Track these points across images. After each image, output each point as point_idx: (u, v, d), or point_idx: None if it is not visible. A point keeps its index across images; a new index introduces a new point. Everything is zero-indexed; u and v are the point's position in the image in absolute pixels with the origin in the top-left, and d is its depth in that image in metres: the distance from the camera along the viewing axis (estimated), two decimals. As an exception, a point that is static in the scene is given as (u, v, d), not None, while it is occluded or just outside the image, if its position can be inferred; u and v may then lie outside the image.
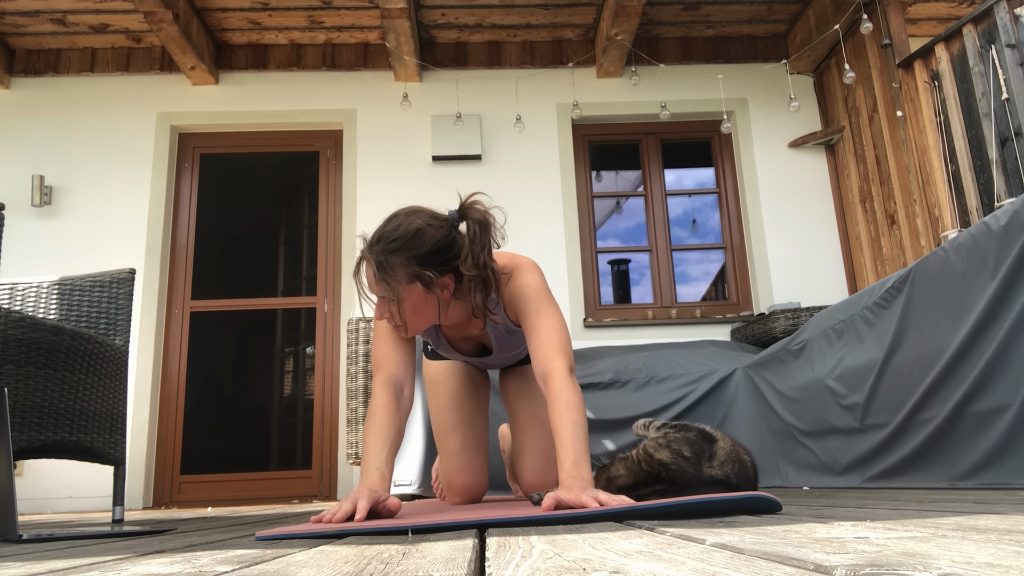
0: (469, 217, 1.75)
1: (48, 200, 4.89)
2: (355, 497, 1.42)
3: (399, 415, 1.74)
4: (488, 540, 0.97)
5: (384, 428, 1.67)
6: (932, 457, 2.28)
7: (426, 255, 1.69)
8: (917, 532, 0.81)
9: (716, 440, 1.73)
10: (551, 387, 1.68)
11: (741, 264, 5.18)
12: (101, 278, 2.72)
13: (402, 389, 1.80)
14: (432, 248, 1.69)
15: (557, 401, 1.64)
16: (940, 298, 2.25)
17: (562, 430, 1.59)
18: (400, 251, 1.67)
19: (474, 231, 1.72)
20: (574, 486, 1.43)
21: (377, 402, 1.74)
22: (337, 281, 5.02)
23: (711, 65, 5.39)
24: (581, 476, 1.49)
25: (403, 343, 1.86)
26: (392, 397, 1.75)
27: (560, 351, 1.74)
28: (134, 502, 4.49)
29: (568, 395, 1.65)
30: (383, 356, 1.84)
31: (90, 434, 2.38)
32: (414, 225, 1.69)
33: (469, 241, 1.72)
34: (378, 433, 1.66)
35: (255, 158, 5.70)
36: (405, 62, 5.04)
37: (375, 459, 1.61)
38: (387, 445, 1.64)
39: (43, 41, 5.13)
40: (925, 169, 4.17)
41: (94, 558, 0.98)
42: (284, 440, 6.07)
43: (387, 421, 1.69)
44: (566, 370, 1.70)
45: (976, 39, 3.68)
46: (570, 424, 1.60)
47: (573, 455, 1.54)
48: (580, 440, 1.58)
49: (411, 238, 1.68)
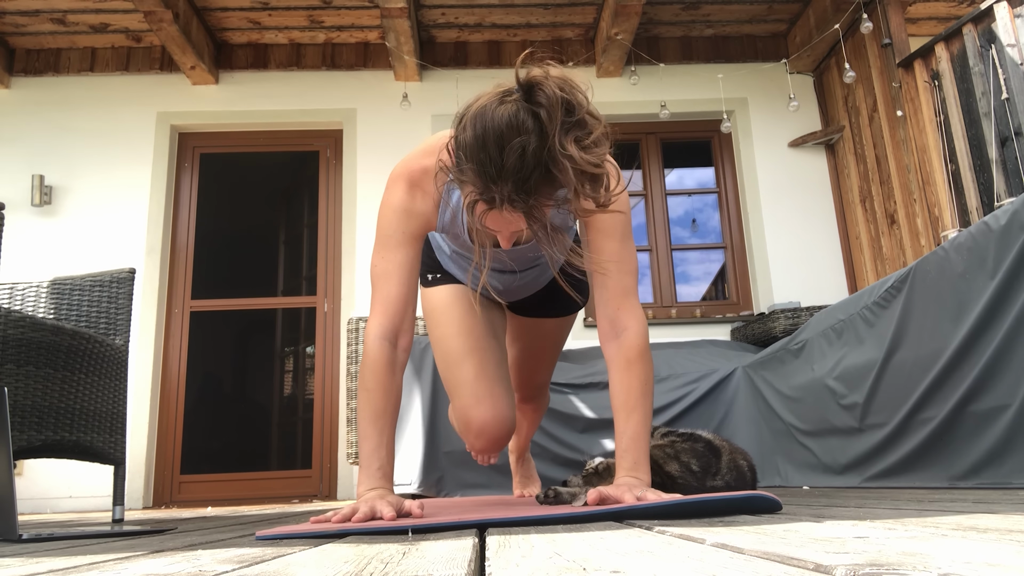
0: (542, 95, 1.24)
1: (48, 200, 4.90)
2: (372, 506, 1.31)
3: (395, 385, 1.50)
4: (488, 540, 0.97)
5: (379, 411, 1.46)
6: (932, 457, 2.28)
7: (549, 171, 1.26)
8: (917, 532, 0.81)
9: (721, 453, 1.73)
10: (627, 355, 1.48)
11: (741, 264, 5.18)
12: (101, 278, 2.72)
13: (397, 341, 1.52)
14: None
15: (634, 377, 1.46)
16: (940, 298, 2.25)
17: (631, 418, 1.44)
18: (542, 186, 1.26)
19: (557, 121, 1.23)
20: (628, 483, 1.36)
21: (370, 370, 1.48)
22: (337, 281, 5.02)
23: (711, 65, 5.39)
24: (639, 478, 1.40)
25: (411, 272, 1.56)
26: (387, 362, 1.49)
27: (638, 302, 1.52)
28: (134, 502, 4.49)
29: (647, 376, 1.47)
30: (385, 291, 1.54)
31: (90, 434, 2.38)
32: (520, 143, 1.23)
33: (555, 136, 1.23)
34: (374, 419, 1.46)
35: (255, 158, 5.71)
36: (405, 62, 5.04)
37: (375, 454, 1.44)
38: (385, 433, 1.46)
39: (43, 41, 5.13)
40: (925, 168, 4.17)
41: (94, 557, 0.98)
42: (284, 440, 6.08)
43: (382, 400, 1.47)
44: (645, 334, 1.50)
45: (976, 39, 3.68)
46: (641, 413, 1.44)
47: (634, 455, 1.41)
48: (646, 437, 1.44)
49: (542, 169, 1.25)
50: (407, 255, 1.56)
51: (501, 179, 1.24)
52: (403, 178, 1.57)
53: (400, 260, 1.55)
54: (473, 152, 1.26)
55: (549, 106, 1.23)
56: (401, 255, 1.55)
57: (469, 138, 1.27)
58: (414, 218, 1.57)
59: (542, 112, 1.23)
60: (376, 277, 1.56)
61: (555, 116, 1.22)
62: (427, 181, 1.56)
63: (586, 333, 4.86)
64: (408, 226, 1.56)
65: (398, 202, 1.56)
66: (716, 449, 1.77)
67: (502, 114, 1.24)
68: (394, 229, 1.56)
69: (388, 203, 1.57)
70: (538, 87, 1.25)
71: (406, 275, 1.55)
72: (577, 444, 3.57)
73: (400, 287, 1.54)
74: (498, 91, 1.30)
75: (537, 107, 1.23)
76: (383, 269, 1.55)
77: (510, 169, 1.23)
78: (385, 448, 1.45)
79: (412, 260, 1.57)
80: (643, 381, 1.47)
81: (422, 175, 1.56)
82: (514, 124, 1.23)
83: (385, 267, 1.55)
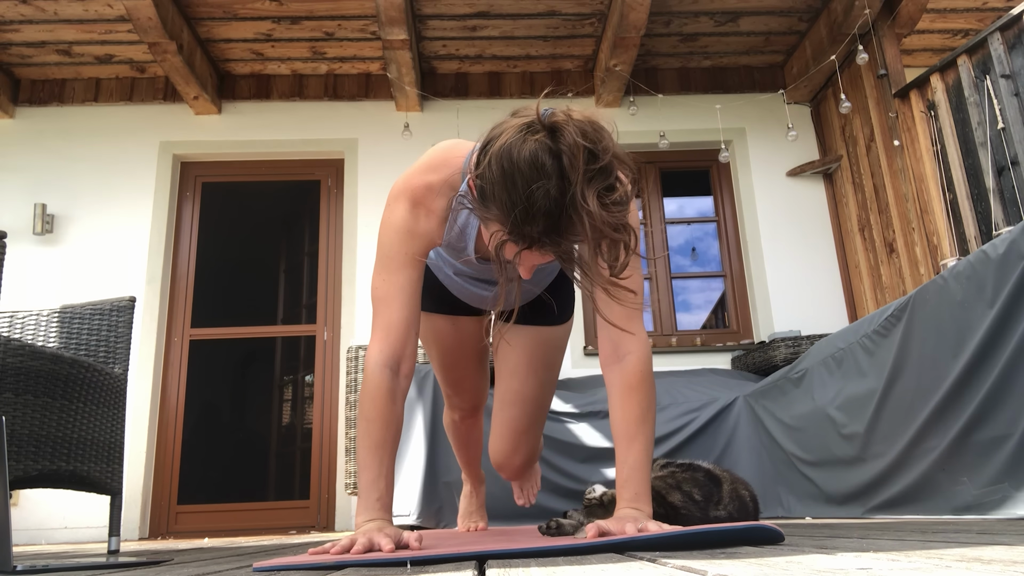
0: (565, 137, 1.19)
1: (50, 228, 4.91)
2: (371, 538, 1.28)
3: (395, 415, 1.45)
4: (488, 572, 0.96)
5: (379, 442, 1.42)
6: (934, 487, 2.27)
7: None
8: (921, 563, 0.80)
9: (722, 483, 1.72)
10: (629, 380, 1.44)
11: (741, 292, 5.18)
12: (101, 306, 2.72)
13: (399, 368, 1.47)
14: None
15: (635, 404, 1.42)
16: (940, 326, 2.25)
17: (632, 447, 1.40)
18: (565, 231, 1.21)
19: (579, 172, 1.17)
20: (628, 515, 1.33)
21: (370, 400, 1.44)
22: (337, 309, 5.02)
23: (709, 95, 5.44)
24: (640, 510, 1.36)
25: (414, 295, 1.51)
26: (388, 391, 1.44)
27: (643, 328, 1.48)
28: (130, 532, 4.44)
29: (649, 401, 1.43)
30: (387, 316, 1.48)
31: (87, 463, 2.36)
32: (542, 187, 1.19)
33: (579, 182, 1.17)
34: (374, 450, 1.41)
35: (257, 187, 5.74)
36: (406, 92, 5.08)
37: (374, 485, 1.40)
38: (384, 463, 1.42)
39: (48, 71, 5.18)
40: (923, 198, 4.19)
41: (89, 590, 0.96)
42: (282, 469, 6.04)
43: (382, 431, 1.42)
44: (649, 358, 1.46)
45: (971, 69, 3.71)
46: (642, 441, 1.39)
47: (635, 486, 1.38)
48: (647, 466, 1.39)
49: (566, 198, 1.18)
50: (409, 277, 1.49)
51: (530, 222, 1.18)
52: (405, 195, 1.50)
53: (402, 283, 1.49)
54: (499, 191, 1.20)
55: (571, 153, 1.17)
56: (403, 277, 1.49)
57: (496, 176, 1.21)
58: (417, 238, 1.50)
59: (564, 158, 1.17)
60: (377, 300, 1.50)
61: (577, 164, 1.16)
62: (431, 198, 1.49)
63: (585, 361, 4.85)
64: (411, 247, 1.50)
65: (400, 221, 1.48)
66: (717, 479, 1.76)
67: (526, 154, 1.18)
68: (396, 250, 1.49)
69: (389, 222, 1.50)
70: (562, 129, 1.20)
71: (408, 298, 1.49)
72: (577, 474, 3.55)
73: (402, 311, 1.47)
74: (521, 123, 1.24)
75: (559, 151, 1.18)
76: (384, 292, 1.49)
77: (539, 212, 1.17)
78: (384, 479, 1.41)
79: (415, 282, 1.50)
80: (644, 408, 1.42)
81: (426, 192, 1.49)
82: (537, 165, 1.18)
83: (387, 290, 1.49)
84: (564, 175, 1.17)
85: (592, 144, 1.18)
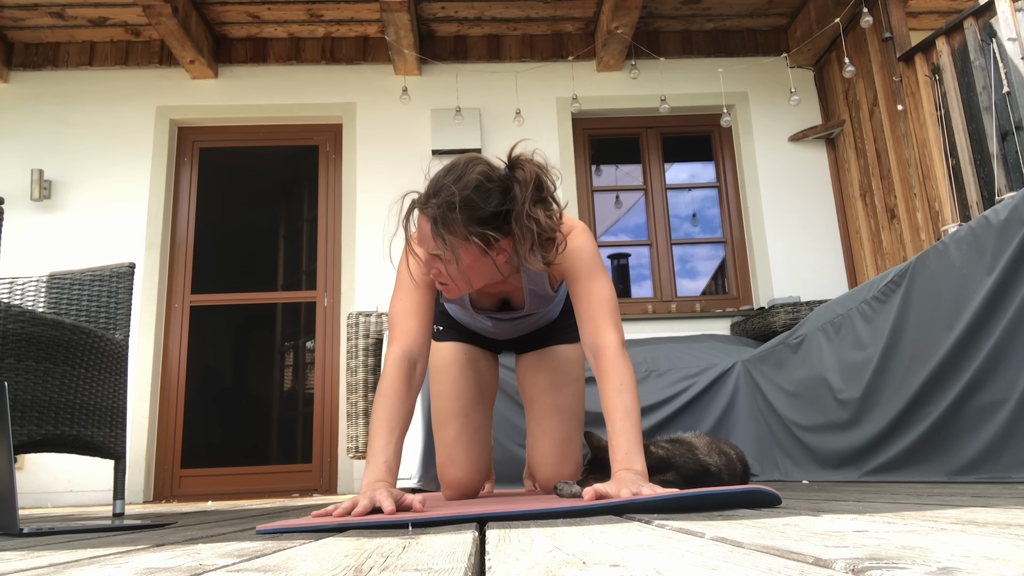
0: (521, 172, 1.56)
1: (47, 194, 4.89)
2: (373, 497, 1.35)
3: (410, 397, 1.65)
4: (488, 534, 0.98)
5: (393, 415, 1.58)
6: (930, 451, 2.29)
7: (488, 216, 1.55)
8: (916, 525, 0.82)
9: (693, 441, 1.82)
10: (602, 365, 1.60)
11: (741, 258, 5.18)
12: (101, 272, 2.72)
13: (415, 365, 1.69)
14: (495, 209, 1.55)
15: (609, 382, 1.56)
16: (939, 292, 2.25)
17: (615, 415, 1.52)
18: (463, 208, 1.52)
19: (528, 190, 1.54)
20: (624, 479, 1.38)
21: (388, 381, 1.63)
22: (337, 275, 5.02)
23: (711, 59, 5.38)
24: (633, 469, 1.43)
25: (424, 312, 1.75)
26: (405, 377, 1.65)
27: (613, 323, 1.64)
28: (134, 496, 4.50)
29: (621, 375, 1.56)
30: (402, 326, 1.72)
31: (90, 428, 2.38)
32: (474, 180, 1.54)
33: (525, 203, 1.54)
34: (386, 420, 1.57)
35: (254, 152, 5.70)
36: (405, 56, 5.03)
37: (383, 450, 1.52)
38: (395, 434, 1.56)
39: (42, 35, 5.12)
40: (925, 163, 4.16)
41: (94, 552, 0.98)
42: (284, 434, 6.08)
43: (397, 405, 1.60)
44: (619, 345, 1.61)
45: (977, 32, 3.67)
46: (623, 409, 1.52)
47: (625, 445, 1.47)
48: (633, 427, 1.50)
49: (473, 192, 1.53)
50: (423, 297, 1.77)
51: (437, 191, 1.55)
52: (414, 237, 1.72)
53: (417, 301, 1.76)
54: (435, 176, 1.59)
55: (524, 180, 1.55)
56: (418, 297, 1.76)
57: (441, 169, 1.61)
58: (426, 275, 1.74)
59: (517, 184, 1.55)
60: (395, 315, 1.76)
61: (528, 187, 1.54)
62: None
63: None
64: (422, 279, 1.76)
65: (413, 263, 1.74)
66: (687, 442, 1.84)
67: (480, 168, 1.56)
68: (408, 278, 1.77)
69: (404, 261, 1.77)
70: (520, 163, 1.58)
71: (423, 314, 1.76)
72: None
73: (417, 321, 1.74)
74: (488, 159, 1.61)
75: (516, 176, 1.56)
76: (401, 308, 1.75)
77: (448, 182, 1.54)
78: (393, 447, 1.54)
79: (428, 302, 1.77)
80: (622, 379, 1.56)
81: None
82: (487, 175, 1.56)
83: (403, 306, 1.75)
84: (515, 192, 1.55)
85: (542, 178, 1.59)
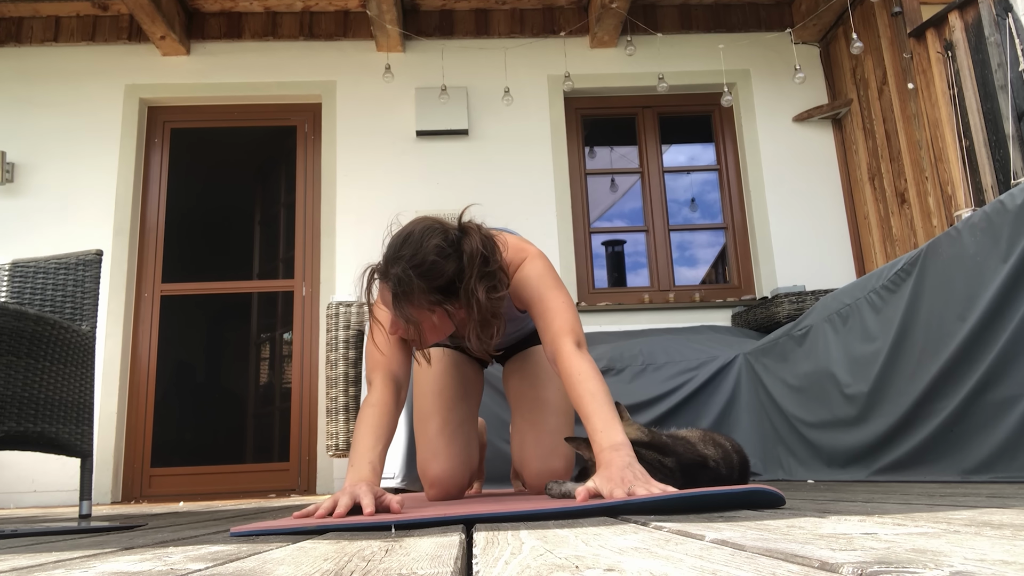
0: (468, 243, 1.71)
1: (10, 177, 4.85)
2: (354, 493, 1.40)
3: (395, 411, 1.75)
4: (475, 536, 0.97)
5: (379, 424, 1.67)
6: (942, 449, 2.30)
7: (445, 285, 1.68)
8: (928, 528, 0.82)
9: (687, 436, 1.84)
10: (560, 364, 1.71)
11: (743, 245, 5.18)
12: (66, 260, 2.70)
13: (400, 389, 1.80)
14: (450, 279, 1.68)
15: (568, 376, 1.67)
16: (952, 281, 2.25)
17: (582, 401, 1.61)
18: (420, 279, 1.65)
19: (477, 262, 1.69)
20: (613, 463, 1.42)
21: (377, 395, 1.74)
22: (315, 263, 5.00)
23: (711, 34, 5.37)
24: (614, 443, 1.48)
25: (403, 343, 1.86)
26: (392, 392, 1.76)
27: (566, 329, 1.76)
28: (102, 496, 4.48)
29: (578, 367, 1.66)
30: (382, 357, 1.83)
31: (55, 425, 2.36)
32: (431, 254, 1.66)
33: (471, 279, 1.69)
34: (373, 428, 1.66)
35: (229, 133, 5.66)
36: (387, 31, 5.00)
37: (368, 453, 1.60)
38: (380, 442, 1.64)
39: (3, 9, 5.05)
40: (937, 145, 4.17)
41: (60, 555, 0.97)
42: (260, 431, 6.07)
43: (384, 416, 1.69)
44: (573, 344, 1.72)
45: (992, 7, 3.67)
46: (588, 394, 1.60)
47: (599, 422, 1.54)
48: (601, 406, 1.57)
49: (430, 267, 1.65)
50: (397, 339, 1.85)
51: (395, 263, 1.66)
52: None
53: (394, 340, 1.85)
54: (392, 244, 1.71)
55: (471, 253, 1.68)
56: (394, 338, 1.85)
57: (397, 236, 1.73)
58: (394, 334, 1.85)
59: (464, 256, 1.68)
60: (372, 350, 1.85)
61: (475, 262, 1.68)
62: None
63: (580, 319, 4.86)
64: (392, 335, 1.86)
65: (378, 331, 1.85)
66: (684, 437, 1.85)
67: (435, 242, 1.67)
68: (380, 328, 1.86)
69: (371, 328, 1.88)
70: (469, 234, 1.71)
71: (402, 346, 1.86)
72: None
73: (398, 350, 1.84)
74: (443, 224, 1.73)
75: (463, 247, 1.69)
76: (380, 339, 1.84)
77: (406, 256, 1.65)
78: (377, 452, 1.62)
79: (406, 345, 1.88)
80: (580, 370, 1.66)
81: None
82: (441, 249, 1.67)
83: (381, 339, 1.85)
84: (462, 266, 1.68)
85: (490, 252, 1.72)
